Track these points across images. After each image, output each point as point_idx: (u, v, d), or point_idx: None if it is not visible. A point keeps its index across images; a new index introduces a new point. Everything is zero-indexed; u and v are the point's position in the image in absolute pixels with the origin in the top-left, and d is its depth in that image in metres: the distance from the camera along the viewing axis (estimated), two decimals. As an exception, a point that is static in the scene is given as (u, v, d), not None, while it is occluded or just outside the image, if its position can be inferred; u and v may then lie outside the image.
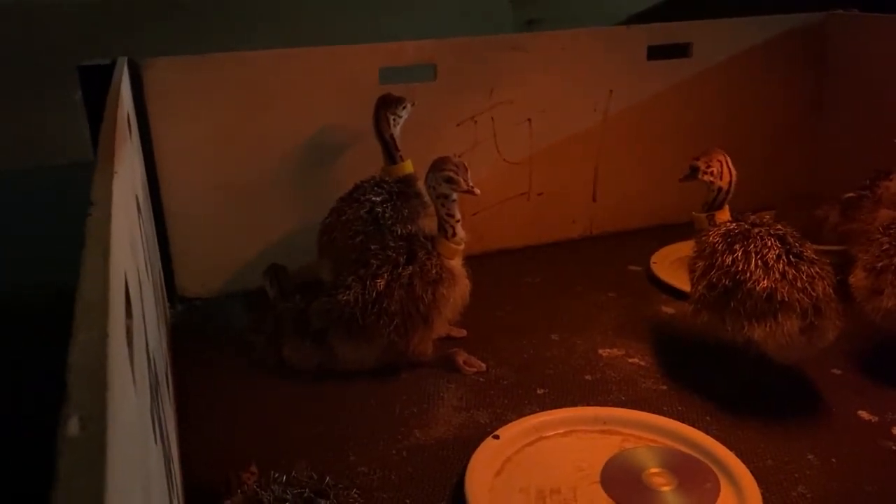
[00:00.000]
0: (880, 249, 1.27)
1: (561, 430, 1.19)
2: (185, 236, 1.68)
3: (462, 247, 1.36)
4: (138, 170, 1.33)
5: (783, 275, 1.15)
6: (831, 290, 1.18)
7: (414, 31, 2.53)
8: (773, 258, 1.16)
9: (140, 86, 1.56)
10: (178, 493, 0.92)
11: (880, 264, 1.25)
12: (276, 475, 0.94)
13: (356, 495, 0.93)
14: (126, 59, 1.52)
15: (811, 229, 1.74)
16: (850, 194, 1.61)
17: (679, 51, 1.95)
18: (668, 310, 1.60)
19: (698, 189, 1.37)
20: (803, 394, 1.28)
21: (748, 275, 1.16)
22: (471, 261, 1.86)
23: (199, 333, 1.59)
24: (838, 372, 1.34)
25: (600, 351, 1.45)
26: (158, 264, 1.53)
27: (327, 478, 0.92)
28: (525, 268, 1.86)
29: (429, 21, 2.73)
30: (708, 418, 1.23)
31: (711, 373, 1.32)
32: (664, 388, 1.33)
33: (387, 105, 1.56)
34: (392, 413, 1.28)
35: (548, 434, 1.19)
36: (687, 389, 1.31)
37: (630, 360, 1.42)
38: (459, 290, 1.37)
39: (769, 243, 1.18)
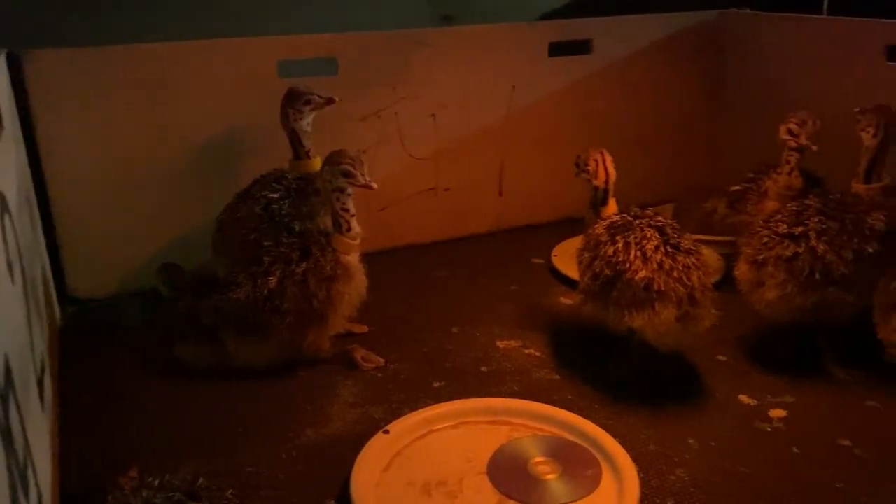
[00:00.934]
0: (761, 243, 1.31)
1: (452, 423, 1.20)
2: (76, 235, 1.62)
3: (358, 242, 1.35)
4: (13, 165, 1.27)
5: (660, 265, 1.18)
6: (706, 280, 1.22)
7: (328, 24, 2.50)
8: (651, 249, 1.19)
9: (21, 79, 1.49)
10: (38, 501, 0.88)
11: (761, 257, 1.30)
12: (150, 479, 0.91)
13: (231, 496, 0.92)
14: (5, 51, 1.45)
15: (705, 221, 1.81)
16: (737, 187, 1.67)
17: (580, 48, 1.99)
18: (567, 301, 1.62)
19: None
20: (689, 380, 1.33)
21: (628, 265, 1.19)
22: (378, 256, 1.86)
23: (92, 335, 1.54)
24: (723, 358, 1.39)
25: (498, 343, 1.47)
26: (41, 264, 1.47)
27: (200, 479, 0.90)
28: (432, 262, 1.86)
29: (343, 15, 2.69)
30: (596, 406, 1.26)
31: (603, 361, 1.35)
32: (557, 377, 1.35)
33: (289, 99, 1.54)
34: (286, 411, 1.27)
35: (438, 427, 1.19)
36: (579, 378, 1.34)
37: (526, 351, 1.44)
38: (356, 285, 1.36)
39: (648, 234, 1.22)
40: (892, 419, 1.21)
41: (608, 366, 1.34)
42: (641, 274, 1.18)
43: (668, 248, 1.20)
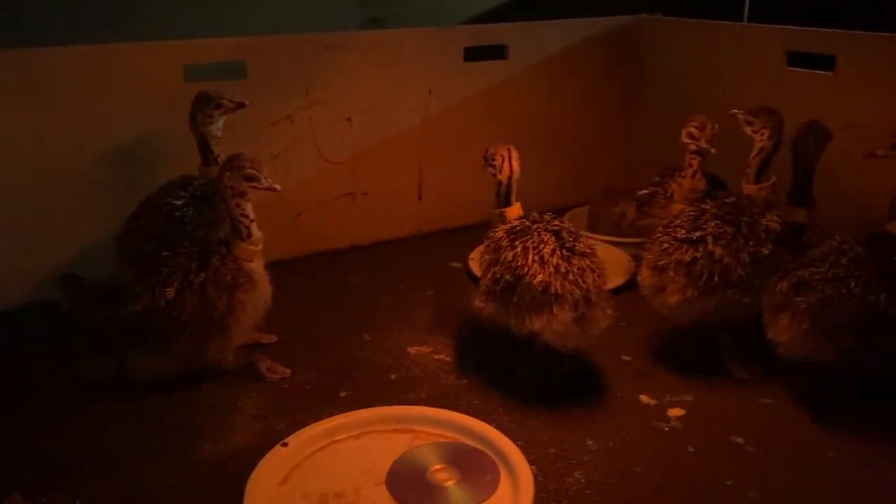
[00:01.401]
0: (661, 248, 1.33)
1: (355, 433, 1.19)
2: (-29, 247, 1.55)
3: (260, 247, 1.33)
4: None
5: (556, 268, 1.19)
6: (601, 282, 1.23)
7: (252, 27, 2.45)
8: (548, 253, 1.20)
9: None
10: None
11: (662, 262, 1.32)
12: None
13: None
14: None
15: (616, 224, 1.84)
16: (644, 191, 1.69)
17: (496, 52, 2.00)
18: (480, 304, 1.62)
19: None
20: (593, 381, 1.34)
21: (526, 269, 1.20)
22: (294, 263, 1.85)
23: (-10, 348, 1.48)
24: (628, 358, 1.41)
25: (409, 349, 1.46)
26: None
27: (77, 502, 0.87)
28: (349, 268, 1.84)
29: (267, 17, 2.65)
30: (501, 410, 1.26)
31: (511, 365, 1.35)
32: (465, 382, 1.35)
33: (198, 104, 1.50)
34: (185, 426, 1.24)
35: (340, 437, 1.18)
36: (486, 383, 1.34)
37: (437, 357, 1.44)
38: (260, 294, 1.34)
39: (545, 238, 1.23)
40: (785, 415, 1.24)
41: (514, 369, 1.34)
42: (539, 278, 1.19)
43: (564, 251, 1.22)
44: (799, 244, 1.35)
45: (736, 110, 1.42)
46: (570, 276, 1.19)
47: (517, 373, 1.34)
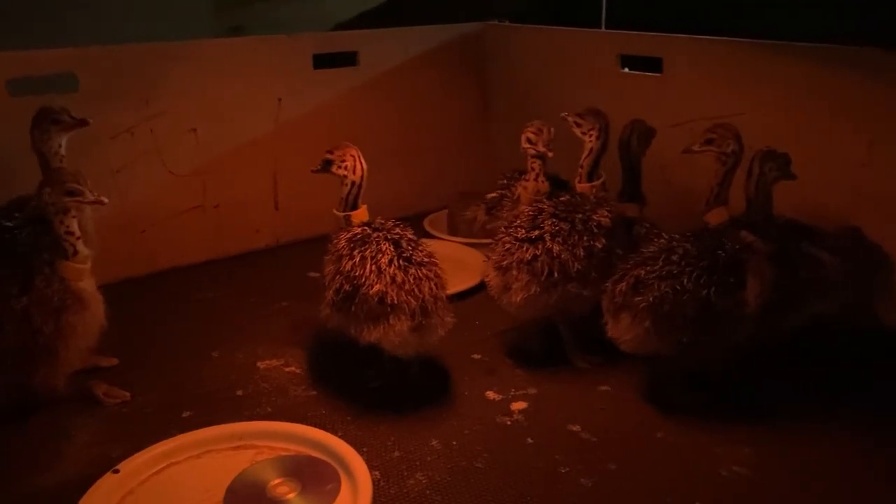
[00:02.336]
0: (504, 249, 1.37)
1: (194, 453, 1.15)
2: None
3: (88, 265, 1.26)
4: None
5: (393, 278, 1.20)
6: (439, 291, 1.25)
7: (107, 36, 2.34)
8: (385, 263, 1.21)
9: None
10: None
11: (506, 262, 1.35)
12: None
13: None
14: None
15: (469, 227, 1.87)
16: (493, 194, 1.73)
17: (346, 59, 2.00)
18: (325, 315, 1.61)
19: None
20: (442, 382, 1.36)
21: (363, 280, 1.20)
22: (141, 281, 1.78)
23: None
24: (478, 357, 1.45)
25: (259, 363, 1.44)
26: None
27: None
28: (201, 284, 1.79)
29: (122, 26, 2.54)
30: (349, 418, 1.26)
31: (361, 373, 1.35)
32: (314, 393, 1.34)
33: (35, 120, 1.40)
34: (13, 457, 1.17)
35: (179, 459, 1.14)
36: (335, 393, 1.33)
37: (287, 369, 1.42)
38: (92, 314, 1.27)
39: (384, 248, 1.23)
40: (621, 401, 1.30)
41: (364, 376, 1.34)
42: (375, 288, 1.19)
43: (402, 261, 1.22)
44: (629, 238, 1.43)
45: (565, 113, 1.47)
46: (407, 286, 1.20)
47: (366, 380, 1.34)
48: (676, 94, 1.75)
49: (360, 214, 1.36)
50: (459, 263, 1.83)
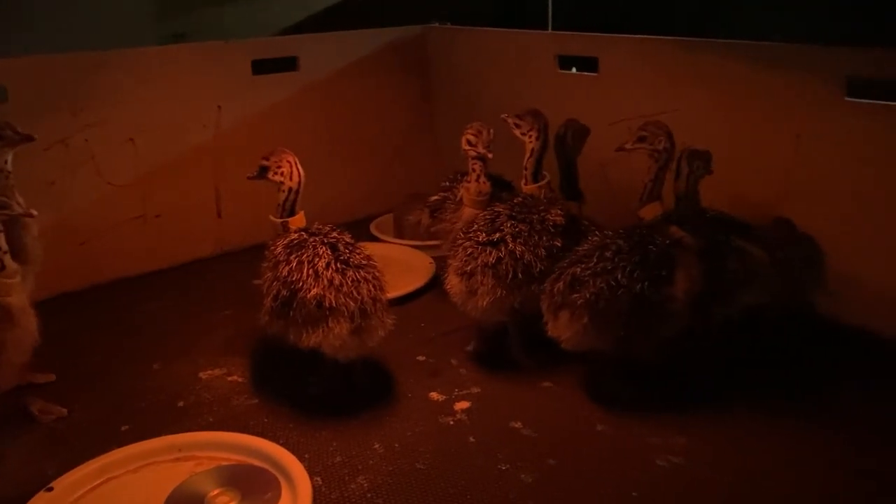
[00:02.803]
0: (466, 254, 1.36)
1: (132, 467, 1.14)
2: None
3: (17, 279, 1.23)
4: None
5: (331, 282, 1.20)
6: (378, 293, 1.25)
7: (48, 47, 2.28)
8: (322, 266, 1.21)
9: None
10: None
11: (469, 267, 1.35)
12: None
13: None
14: None
15: (414, 230, 1.88)
16: (435, 197, 1.74)
17: (286, 64, 1.98)
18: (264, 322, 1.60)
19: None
20: (386, 385, 1.36)
21: (301, 284, 1.20)
22: (81, 294, 1.75)
23: None
24: (422, 358, 1.45)
25: (201, 374, 1.42)
26: None
27: None
28: (144, 295, 1.76)
29: (59, 36, 2.48)
30: (291, 425, 1.25)
31: (304, 379, 1.35)
32: (256, 402, 1.33)
33: None
34: (-60, 482, 1.13)
35: (117, 474, 1.12)
36: (278, 400, 1.32)
37: (230, 379, 1.40)
38: (22, 331, 1.23)
39: (321, 252, 1.23)
40: (563, 397, 1.32)
41: (307, 383, 1.33)
42: (313, 292, 1.19)
43: (339, 264, 1.22)
44: (578, 235, 1.44)
45: (505, 115, 1.49)
46: (345, 289, 1.19)
47: (309, 386, 1.33)
48: (613, 92, 1.78)
49: (298, 220, 1.36)
50: (406, 266, 1.84)
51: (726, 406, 1.26)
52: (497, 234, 1.34)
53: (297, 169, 1.36)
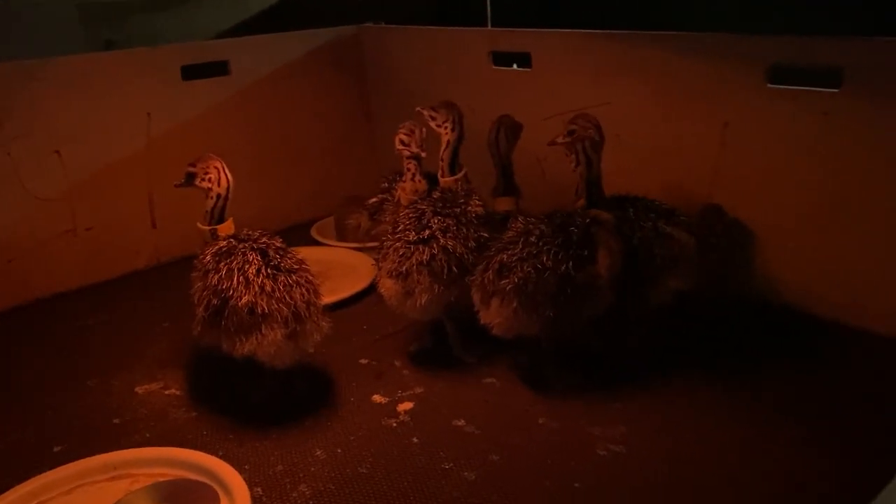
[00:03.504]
0: (398, 255, 1.34)
1: (65, 489, 1.10)
2: None
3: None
4: None
5: (262, 288, 1.18)
6: (312, 297, 1.23)
7: None
8: (253, 273, 1.19)
9: None
10: None
11: (404, 268, 1.33)
12: None
13: None
14: None
15: (354, 234, 1.86)
16: (374, 199, 1.73)
17: (217, 69, 1.95)
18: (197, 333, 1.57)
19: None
20: (328, 389, 1.35)
21: (231, 291, 1.18)
22: (10, 313, 1.69)
23: None
24: (365, 361, 1.44)
25: (137, 389, 1.39)
26: None
27: None
28: (78, 310, 1.71)
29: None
30: (231, 437, 1.23)
31: (244, 389, 1.32)
32: (195, 415, 1.30)
33: None
34: None
35: (48, 497, 1.09)
36: (217, 412, 1.30)
37: (167, 392, 1.37)
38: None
39: (250, 258, 1.21)
40: (505, 392, 1.32)
41: (247, 393, 1.31)
42: (245, 299, 1.17)
43: (269, 269, 1.20)
44: (504, 227, 1.45)
45: (419, 108, 1.48)
46: (277, 294, 1.18)
47: (250, 396, 1.31)
48: (546, 87, 1.79)
49: (227, 227, 1.34)
50: (349, 269, 1.82)
51: (664, 391, 1.28)
52: (426, 232, 1.34)
53: (226, 174, 1.33)
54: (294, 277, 1.21)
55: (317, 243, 1.97)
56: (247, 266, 1.19)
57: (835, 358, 1.37)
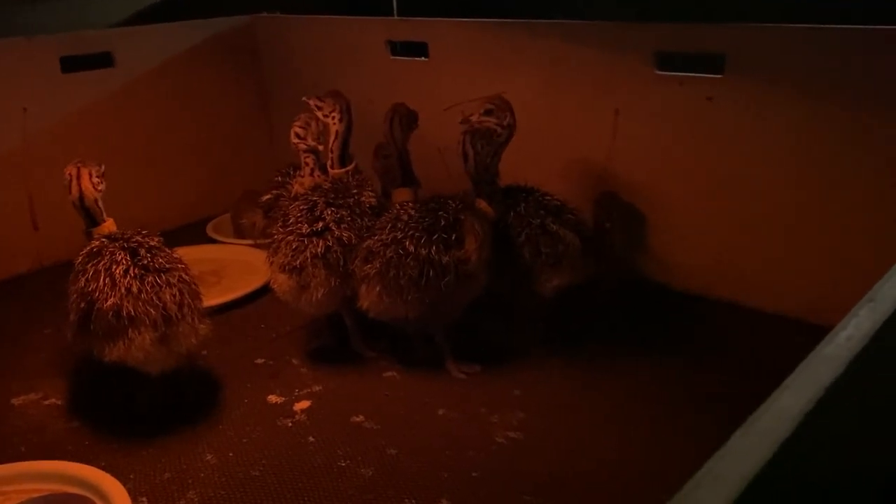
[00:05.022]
0: (291, 249, 1.30)
1: (-74, 514, 1.02)
2: None
3: None
4: None
5: (129, 289, 1.11)
6: (186, 298, 1.16)
7: None
8: (120, 274, 1.12)
9: None
10: None
11: (298, 262, 1.29)
12: None
13: None
14: None
15: (250, 232, 1.81)
16: (268, 196, 1.68)
17: (100, 61, 1.85)
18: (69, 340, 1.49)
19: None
20: (221, 391, 1.30)
21: (97, 294, 1.11)
22: None
23: None
24: (261, 361, 1.39)
25: (14, 400, 1.30)
26: None
27: None
28: (-50, 321, 1.59)
29: None
30: (115, 446, 1.17)
31: (129, 396, 1.25)
32: (76, 425, 1.23)
33: None
34: None
35: None
36: (100, 421, 1.23)
37: (46, 403, 1.29)
38: None
39: (119, 258, 1.14)
40: (406, 385, 1.30)
41: (133, 400, 1.25)
42: (110, 302, 1.10)
43: (137, 269, 1.14)
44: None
45: (305, 97, 1.45)
46: (144, 296, 1.11)
47: (135, 403, 1.25)
48: (443, 77, 1.78)
49: (105, 227, 1.27)
50: (246, 266, 1.76)
51: (563, 376, 1.29)
52: (320, 224, 1.30)
53: (78, 182, 1.27)
54: (165, 277, 1.14)
55: (213, 241, 1.90)
56: (114, 266, 1.12)
57: (727, 337, 1.41)
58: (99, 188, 1.27)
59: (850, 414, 0.40)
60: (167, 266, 1.16)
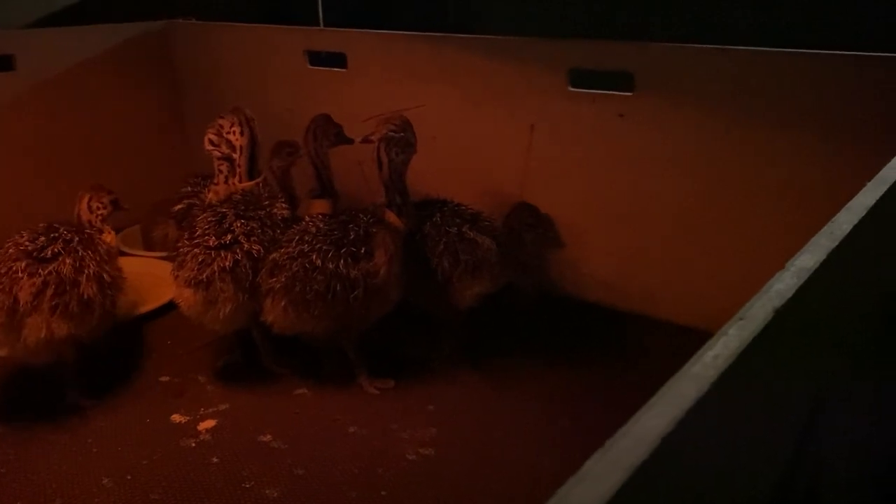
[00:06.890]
0: (197, 262, 1.25)
1: None
2: None
3: None
4: None
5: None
6: (48, 290, 1.15)
7: None
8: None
9: None
10: None
11: (205, 276, 1.24)
12: None
13: None
14: None
15: (161, 243, 1.75)
16: (180, 206, 1.62)
17: (1, 64, 1.76)
18: None
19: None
20: (120, 410, 1.24)
21: None
22: None
23: None
24: (166, 379, 1.34)
25: None
26: None
27: None
28: None
29: None
30: (2, 471, 1.09)
31: (21, 415, 1.19)
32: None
33: None
34: None
35: None
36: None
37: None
38: None
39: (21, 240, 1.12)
40: (315, 403, 1.27)
41: (22, 419, 1.18)
42: None
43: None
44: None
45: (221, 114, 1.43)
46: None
47: (25, 422, 1.18)
48: (362, 89, 1.76)
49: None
50: (156, 280, 1.69)
51: (475, 390, 1.29)
52: (229, 236, 1.27)
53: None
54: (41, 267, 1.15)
55: (123, 254, 1.82)
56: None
57: (638, 348, 1.44)
58: (98, 212, 1.40)
59: (714, 435, 0.40)
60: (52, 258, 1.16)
